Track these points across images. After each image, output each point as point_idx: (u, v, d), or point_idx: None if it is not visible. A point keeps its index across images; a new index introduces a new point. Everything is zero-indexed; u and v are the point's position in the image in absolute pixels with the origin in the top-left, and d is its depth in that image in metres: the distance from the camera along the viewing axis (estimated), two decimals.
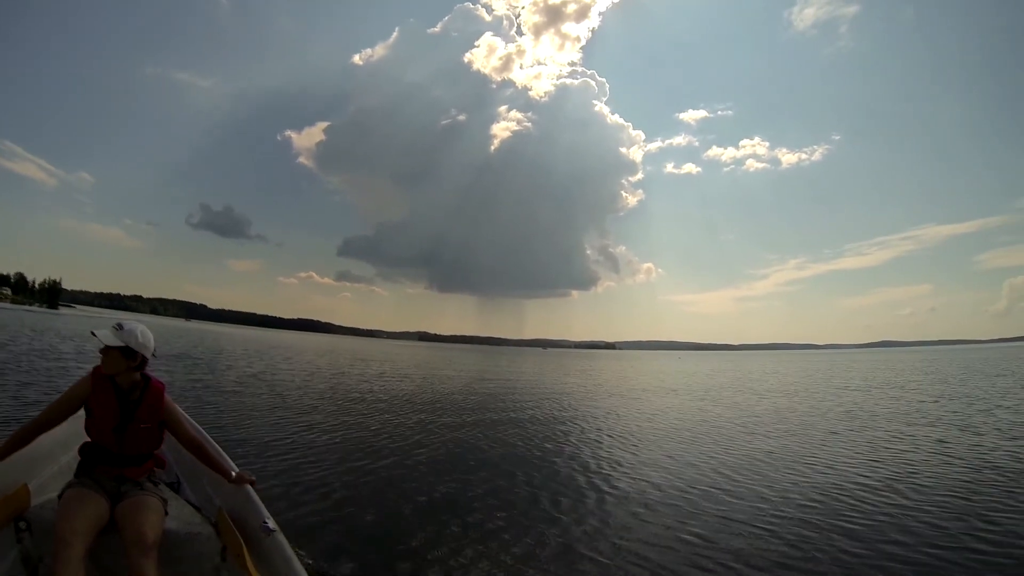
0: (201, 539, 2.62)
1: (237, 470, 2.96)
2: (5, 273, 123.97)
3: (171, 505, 2.65)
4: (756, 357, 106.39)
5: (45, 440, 2.73)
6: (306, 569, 2.34)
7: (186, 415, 3.14)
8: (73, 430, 2.89)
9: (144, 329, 2.74)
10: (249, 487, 2.86)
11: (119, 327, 2.67)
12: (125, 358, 2.63)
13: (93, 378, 2.64)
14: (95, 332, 2.66)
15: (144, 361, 2.73)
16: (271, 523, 2.55)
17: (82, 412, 2.67)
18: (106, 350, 2.61)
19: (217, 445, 3.17)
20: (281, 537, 2.49)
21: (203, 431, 3.31)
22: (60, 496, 2.42)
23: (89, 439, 2.67)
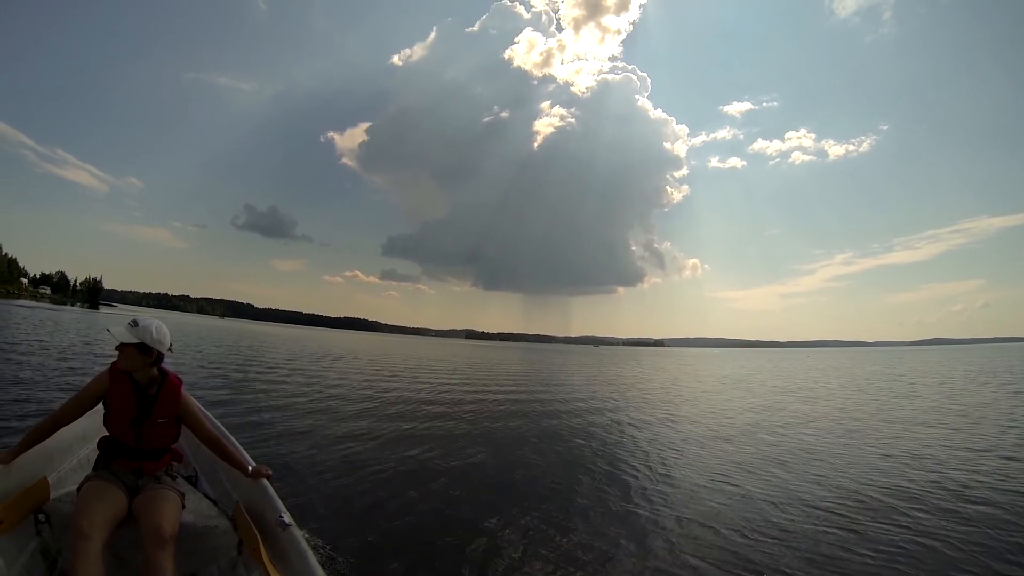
0: (218, 532, 2.73)
1: (254, 464, 3.06)
2: (48, 273, 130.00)
3: (188, 498, 2.76)
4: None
5: (64, 434, 2.90)
6: (321, 564, 2.41)
7: (204, 409, 3.27)
8: (92, 424, 3.07)
9: (159, 325, 2.84)
10: (265, 481, 2.96)
11: (134, 323, 2.78)
12: (141, 354, 2.74)
13: (111, 374, 2.77)
14: (110, 329, 2.78)
15: (160, 357, 2.84)
16: (287, 517, 2.64)
17: (100, 406, 2.81)
18: (122, 347, 2.73)
19: (234, 439, 3.31)
20: (297, 531, 2.58)
21: (220, 425, 3.45)
22: (79, 489, 2.56)
23: (108, 433, 2.81)
